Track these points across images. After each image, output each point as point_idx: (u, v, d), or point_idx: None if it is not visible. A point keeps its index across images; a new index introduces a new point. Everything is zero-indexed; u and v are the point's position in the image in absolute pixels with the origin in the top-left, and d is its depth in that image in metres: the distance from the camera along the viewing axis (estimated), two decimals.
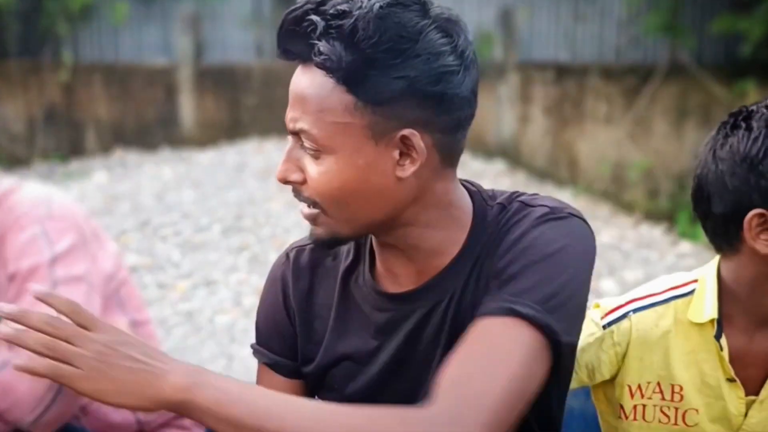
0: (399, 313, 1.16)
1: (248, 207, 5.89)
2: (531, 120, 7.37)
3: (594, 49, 7.57)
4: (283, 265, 1.26)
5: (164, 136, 7.60)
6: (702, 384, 1.29)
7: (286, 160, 1.10)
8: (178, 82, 7.62)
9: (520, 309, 1.03)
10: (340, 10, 1.03)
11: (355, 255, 1.22)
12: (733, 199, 1.21)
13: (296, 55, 1.07)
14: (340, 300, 1.22)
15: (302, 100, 1.07)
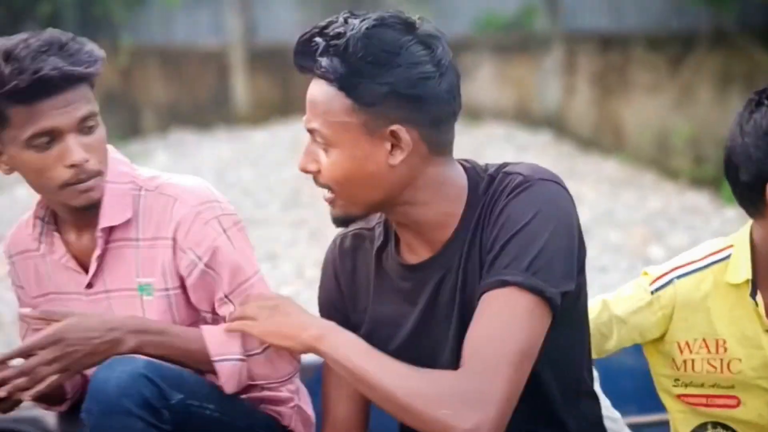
0: (419, 281, 1.42)
1: (305, 183, 6.09)
2: (576, 90, 7.48)
3: (638, 17, 7.63)
4: (333, 251, 1.55)
5: (219, 115, 7.84)
6: (742, 337, 1.48)
7: (306, 153, 1.38)
8: (231, 62, 7.85)
9: (510, 279, 1.29)
10: (337, 32, 1.31)
11: (385, 236, 1.48)
12: (756, 168, 1.39)
13: (307, 70, 1.35)
14: (376, 275, 1.48)
15: (313, 105, 1.34)
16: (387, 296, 1.46)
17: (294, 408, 1.69)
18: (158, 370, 1.41)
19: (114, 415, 1.35)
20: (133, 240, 1.60)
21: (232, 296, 1.57)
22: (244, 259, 1.59)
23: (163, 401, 1.39)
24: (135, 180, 1.62)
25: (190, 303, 1.60)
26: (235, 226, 1.60)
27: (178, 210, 1.57)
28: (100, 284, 1.61)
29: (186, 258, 1.56)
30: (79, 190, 1.53)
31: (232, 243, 1.58)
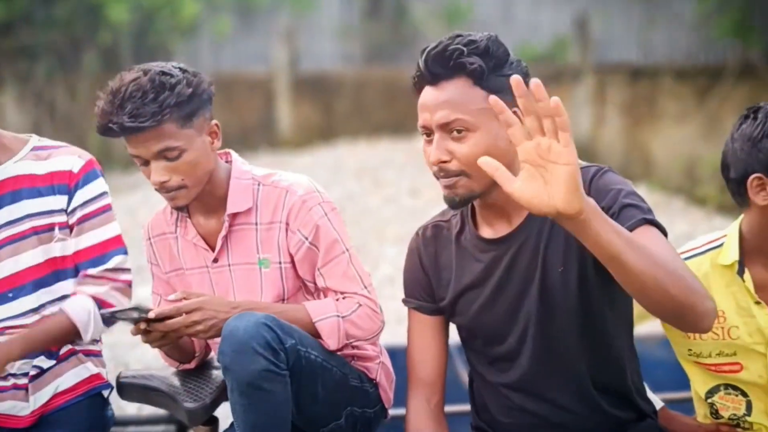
0: (498, 252, 1.69)
1: (348, 203, 6.43)
2: (606, 120, 7.75)
3: (666, 50, 7.91)
4: (416, 240, 1.84)
5: (264, 139, 8.21)
6: (738, 308, 1.75)
7: (437, 147, 1.59)
8: (276, 89, 8.24)
9: (650, 217, 1.56)
10: (470, 40, 1.59)
11: (461, 223, 1.76)
12: (742, 167, 1.69)
13: (438, 76, 1.59)
14: (458, 253, 1.75)
15: (451, 101, 1.58)
16: (469, 268, 1.73)
17: (379, 364, 2.01)
18: (275, 320, 1.71)
19: (244, 353, 1.64)
20: (253, 224, 1.93)
21: (323, 269, 1.90)
22: (339, 237, 1.91)
23: (280, 344, 1.68)
24: (254, 177, 1.95)
25: (297, 274, 1.93)
26: (333, 211, 1.93)
27: (288, 199, 1.90)
28: (224, 259, 1.95)
29: (295, 237, 1.89)
30: (166, 198, 1.88)
31: (331, 224, 1.90)
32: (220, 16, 8.22)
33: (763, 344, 1.77)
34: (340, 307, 1.86)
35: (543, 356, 1.70)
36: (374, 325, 1.89)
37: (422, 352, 1.84)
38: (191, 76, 1.84)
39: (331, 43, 8.35)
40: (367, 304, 1.88)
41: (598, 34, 7.93)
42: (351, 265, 1.89)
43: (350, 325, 1.86)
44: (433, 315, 1.83)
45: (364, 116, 8.04)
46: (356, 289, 1.88)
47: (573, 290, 1.65)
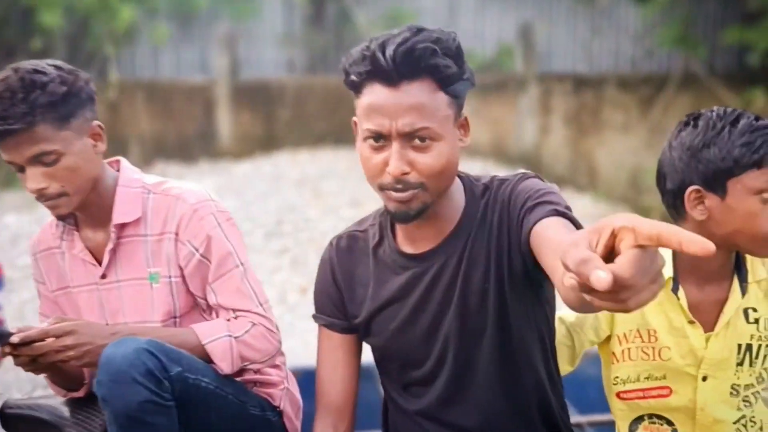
0: (420, 269, 1.55)
1: (287, 213, 6.26)
2: (551, 129, 7.71)
3: (610, 60, 7.91)
4: (330, 251, 1.68)
5: (203, 149, 8.00)
6: (670, 327, 1.65)
7: (399, 158, 1.42)
8: (216, 98, 8.03)
9: (560, 209, 1.43)
10: (436, 37, 1.42)
11: (380, 235, 1.62)
12: (680, 178, 1.58)
13: (405, 75, 1.40)
14: (376, 268, 1.61)
15: (418, 107, 1.41)
16: (387, 284, 1.59)
17: (284, 390, 1.84)
18: (159, 346, 1.55)
19: (122, 383, 1.47)
20: (143, 235, 1.76)
21: (214, 285, 1.74)
22: (233, 249, 1.74)
23: (163, 372, 1.51)
24: (144, 185, 1.78)
25: (188, 290, 1.75)
26: (228, 222, 1.76)
27: (179, 208, 1.74)
28: (113, 275, 1.77)
29: (185, 249, 1.73)
30: (47, 207, 1.71)
31: (225, 235, 1.73)
32: (158, 23, 7.99)
33: (694, 366, 1.65)
34: (233, 327, 1.70)
35: (460, 381, 1.57)
36: (270, 346, 1.73)
37: (331, 374, 1.67)
38: (66, 74, 1.66)
39: (273, 50, 8.18)
40: (262, 323, 1.72)
41: (543, 43, 7.90)
42: (245, 281, 1.73)
43: (244, 346, 1.70)
44: (344, 333, 1.67)
45: (306, 125, 7.88)
46: (250, 306, 1.72)
47: (492, 312, 1.51)
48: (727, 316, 1.63)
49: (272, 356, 1.74)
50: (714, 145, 1.55)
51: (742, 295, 1.63)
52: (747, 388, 1.67)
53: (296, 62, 8.19)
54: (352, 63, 1.45)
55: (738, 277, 1.64)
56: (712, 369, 1.64)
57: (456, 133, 1.46)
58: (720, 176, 1.55)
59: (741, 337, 1.64)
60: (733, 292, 1.63)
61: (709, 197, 1.56)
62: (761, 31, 6.56)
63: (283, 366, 1.91)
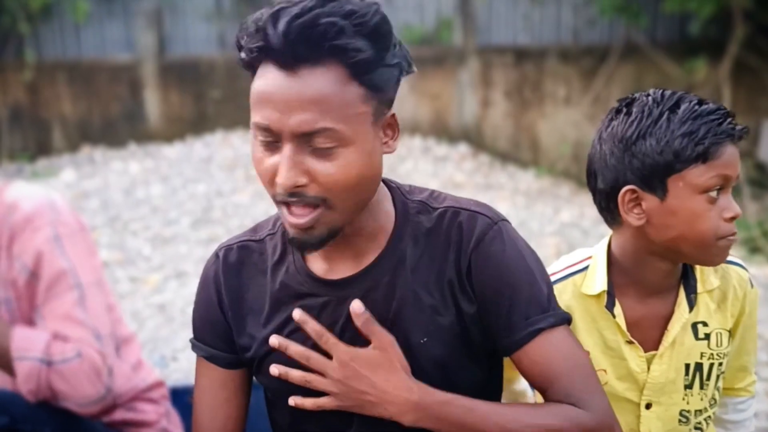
0: (335, 298, 1.24)
1: (216, 199, 5.97)
2: (492, 103, 7.51)
3: (552, 31, 7.71)
4: (215, 265, 1.32)
5: (130, 131, 7.63)
6: (605, 347, 1.42)
7: (291, 166, 1.11)
8: (143, 77, 7.65)
9: (542, 325, 1.20)
10: (350, 10, 1.09)
11: (282, 249, 1.29)
12: (612, 176, 1.34)
13: (303, 58, 1.09)
14: (273, 291, 1.28)
15: (320, 101, 1.09)
16: (289, 313, 1.25)
17: (161, 430, 1.58)
18: None
19: None
20: None
21: (43, 308, 1.46)
22: (70, 268, 1.47)
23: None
24: None
25: (26, 315, 1.48)
26: (71, 235, 1.48)
27: (12, 218, 1.46)
28: None
29: (16, 265, 1.45)
30: None
31: (63, 250, 1.46)
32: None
33: (636, 392, 1.42)
34: (53, 349, 1.42)
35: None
36: (90, 388, 1.43)
37: (211, 419, 1.33)
38: None
39: (202, 26, 7.78)
40: (91, 358, 1.43)
41: (483, 15, 7.66)
42: (81, 307, 1.46)
43: (57, 377, 1.41)
44: (229, 368, 1.34)
45: (239, 105, 7.52)
46: (81, 335, 1.44)
47: (432, 369, 1.22)
48: (672, 334, 1.41)
49: (93, 402, 1.44)
50: (650, 136, 1.30)
51: (689, 309, 1.41)
52: (698, 414, 1.46)
53: (227, 38, 7.80)
54: (246, 35, 1.12)
55: (685, 289, 1.42)
56: (656, 394, 1.43)
57: (376, 137, 1.15)
58: (658, 173, 1.30)
59: (689, 355, 1.43)
60: (679, 306, 1.41)
61: (646, 198, 1.32)
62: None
63: (162, 400, 1.64)
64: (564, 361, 1.20)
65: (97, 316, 1.46)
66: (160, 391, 1.65)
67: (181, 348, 3.80)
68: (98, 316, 1.46)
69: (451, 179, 6.52)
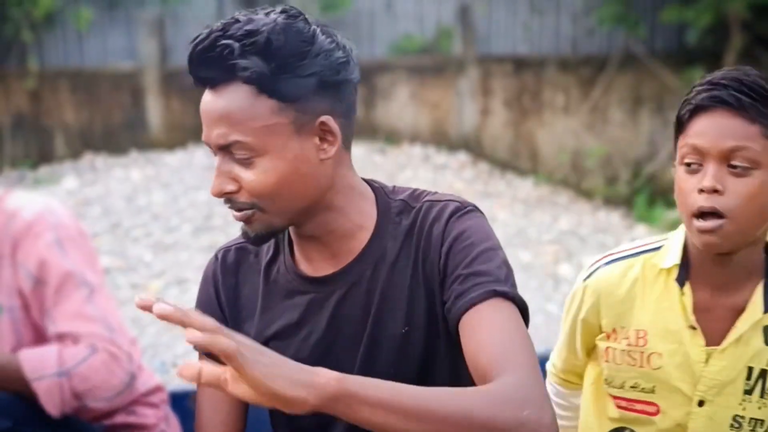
0: (319, 295, 1.31)
1: (217, 206, 6.00)
2: (491, 112, 7.57)
3: (551, 41, 7.77)
4: (213, 265, 1.41)
5: (132, 139, 7.68)
6: (665, 330, 1.36)
7: (218, 174, 1.22)
8: (145, 85, 7.70)
9: (501, 288, 1.20)
10: (247, 30, 1.18)
11: (275, 249, 1.37)
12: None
13: (210, 80, 1.21)
14: (265, 289, 1.36)
15: (228, 116, 1.19)
16: (279, 311, 1.35)
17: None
18: None
19: None
20: None
21: (53, 311, 1.50)
22: (75, 269, 1.51)
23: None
24: None
25: (33, 321, 1.52)
26: (72, 240, 1.53)
27: (14, 226, 1.51)
28: None
29: (20, 273, 1.49)
30: None
31: (66, 254, 1.50)
32: (81, 7, 7.62)
33: (690, 384, 1.36)
34: (66, 357, 1.45)
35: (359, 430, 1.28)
36: (113, 378, 1.48)
37: (211, 417, 1.38)
38: None
39: None
40: (106, 349, 1.47)
41: (483, 25, 7.72)
42: (90, 304, 1.50)
43: (79, 380, 1.45)
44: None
45: None
46: (93, 329, 1.48)
47: (415, 357, 1.28)
48: (739, 331, 1.34)
49: (119, 392, 1.49)
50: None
51: (764, 309, 1.33)
52: (754, 424, 1.37)
53: None
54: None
55: (765, 286, 1.34)
56: (712, 392, 1.36)
57: (302, 144, 1.22)
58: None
59: (755, 359, 1.35)
60: (753, 303, 1.33)
61: None
62: (699, 8, 6.47)
63: (162, 404, 1.68)
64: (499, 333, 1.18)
65: (107, 309, 1.50)
66: (159, 396, 1.70)
67: (181, 354, 3.84)
68: (108, 309, 1.51)
69: (450, 187, 6.57)
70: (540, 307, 4.52)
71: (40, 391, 1.43)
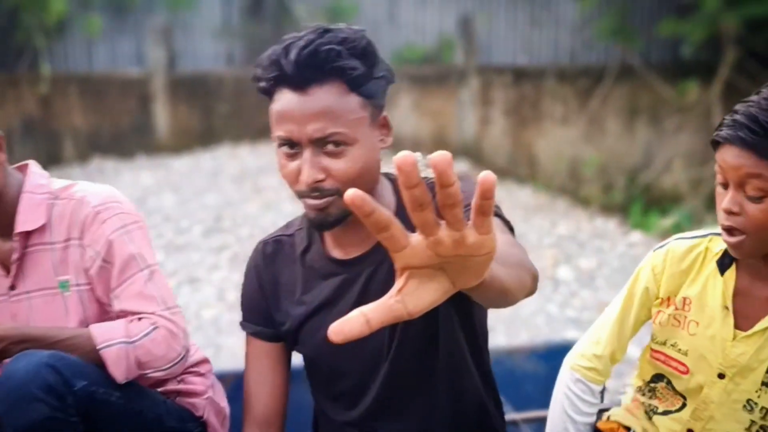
0: (350, 275, 1.51)
1: (226, 209, 6.17)
2: (491, 121, 7.74)
3: (549, 53, 7.96)
4: (256, 257, 1.64)
5: (140, 143, 7.84)
6: (705, 304, 1.53)
7: (311, 165, 1.37)
8: (152, 91, 7.87)
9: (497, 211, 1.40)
10: (342, 37, 1.37)
11: (308, 240, 1.58)
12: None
13: (312, 79, 1.36)
14: (304, 273, 1.57)
15: (328, 112, 1.36)
16: (315, 291, 1.55)
17: (207, 399, 1.78)
18: (62, 359, 1.48)
19: (21, 400, 1.42)
20: (48, 243, 1.69)
21: (117, 290, 1.67)
22: (137, 253, 1.67)
23: (66, 387, 1.46)
24: (51, 190, 1.71)
25: (97, 298, 1.68)
26: (134, 224, 1.69)
27: (82, 211, 1.67)
28: (21, 286, 1.70)
29: (88, 254, 1.66)
30: None
31: (129, 238, 1.66)
32: (91, 14, 7.79)
33: (715, 356, 1.52)
34: (131, 330, 1.62)
35: (391, 393, 1.53)
36: (171, 352, 1.64)
37: (259, 385, 1.62)
38: None
39: (210, 43, 8.04)
40: (166, 326, 1.64)
41: (483, 36, 7.91)
42: (150, 284, 1.66)
43: (142, 351, 1.61)
44: (271, 342, 1.62)
45: (245, 119, 7.76)
46: (154, 309, 1.64)
47: (426, 320, 1.41)
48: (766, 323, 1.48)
49: (175, 362, 1.65)
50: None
51: None
52: (764, 412, 1.50)
53: (234, 55, 8.05)
54: (262, 69, 1.40)
55: None
56: (732, 371, 1.51)
57: (374, 135, 1.42)
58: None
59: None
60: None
61: None
62: (694, 22, 6.66)
63: (208, 374, 1.86)
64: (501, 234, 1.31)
65: (164, 289, 1.67)
66: (206, 367, 1.86)
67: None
68: (165, 289, 1.67)
69: None
70: (540, 308, 4.68)
71: (108, 357, 1.58)
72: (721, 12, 6.30)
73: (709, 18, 6.43)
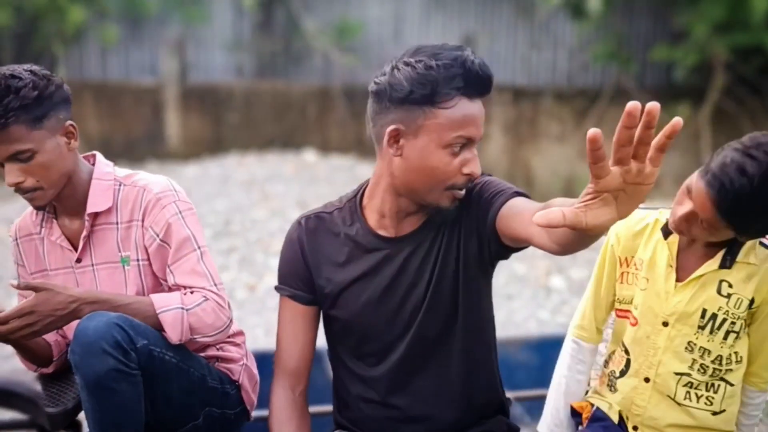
0: (392, 251, 1.76)
1: (235, 214, 6.39)
2: (490, 138, 7.98)
3: (548, 73, 8.22)
4: (299, 230, 1.84)
5: (151, 150, 8.08)
6: (655, 263, 1.78)
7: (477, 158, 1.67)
8: (165, 100, 8.12)
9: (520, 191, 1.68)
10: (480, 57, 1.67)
11: (351, 219, 1.80)
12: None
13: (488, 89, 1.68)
14: (346, 246, 1.79)
15: (481, 118, 1.67)
16: (358, 261, 1.77)
17: (243, 366, 2.05)
18: (127, 320, 1.73)
19: (92, 353, 1.66)
20: (114, 223, 1.95)
21: (173, 266, 1.92)
22: (191, 235, 1.94)
23: (130, 344, 1.70)
24: (116, 177, 1.98)
25: (153, 272, 1.95)
26: (188, 211, 1.96)
27: (144, 197, 1.93)
28: (87, 259, 1.96)
29: (148, 234, 1.92)
30: (25, 198, 1.89)
31: (184, 222, 1.93)
32: (108, 24, 8.07)
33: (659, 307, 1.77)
34: (186, 300, 1.87)
35: (416, 353, 1.77)
36: (218, 321, 1.89)
37: (291, 341, 1.85)
38: (39, 78, 1.82)
39: (222, 55, 8.31)
40: (214, 299, 1.89)
41: (484, 55, 8.14)
42: (201, 262, 1.92)
43: (194, 318, 1.86)
44: (307, 305, 1.85)
45: (253, 129, 8.03)
46: (204, 284, 1.90)
47: (459, 293, 1.72)
48: (697, 273, 1.73)
49: (221, 330, 1.90)
50: None
51: (719, 266, 1.72)
52: (702, 351, 1.75)
53: (245, 67, 8.33)
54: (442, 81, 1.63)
55: (727, 250, 1.73)
56: (673, 318, 1.75)
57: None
58: None
59: (708, 303, 1.74)
60: (715, 259, 1.73)
61: None
62: (686, 48, 6.94)
63: (243, 344, 2.11)
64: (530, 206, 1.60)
65: (212, 269, 1.93)
66: (241, 338, 2.12)
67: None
68: (213, 269, 1.93)
69: None
70: (532, 314, 4.92)
71: (165, 320, 1.84)
72: (710, 39, 6.59)
73: (699, 45, 6.71)
